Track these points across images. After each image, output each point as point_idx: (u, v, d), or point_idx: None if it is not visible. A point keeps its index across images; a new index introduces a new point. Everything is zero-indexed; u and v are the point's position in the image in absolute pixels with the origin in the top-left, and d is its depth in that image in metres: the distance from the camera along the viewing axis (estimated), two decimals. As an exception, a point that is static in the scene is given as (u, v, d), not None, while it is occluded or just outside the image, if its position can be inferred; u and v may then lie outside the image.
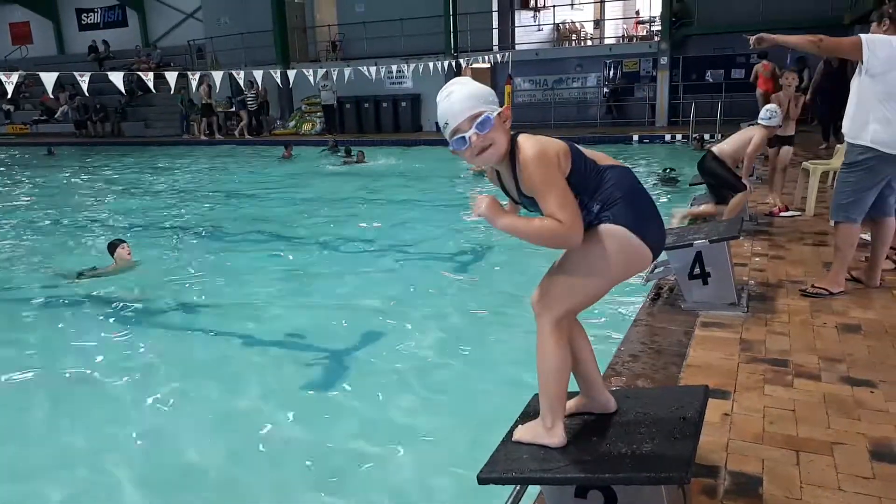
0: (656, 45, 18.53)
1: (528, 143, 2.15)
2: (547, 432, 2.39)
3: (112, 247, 7.13)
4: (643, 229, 2.21)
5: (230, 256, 8.02)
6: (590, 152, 2.30)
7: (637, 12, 22.33)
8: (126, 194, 13.52)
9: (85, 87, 11.42)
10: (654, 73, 18.47)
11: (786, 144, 7.51)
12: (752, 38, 4.50)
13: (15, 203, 12.96)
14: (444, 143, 2.20)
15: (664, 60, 18.15)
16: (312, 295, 6.47)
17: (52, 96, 25.01)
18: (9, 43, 32.80)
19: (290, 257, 7.95)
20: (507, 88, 18.75)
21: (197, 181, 14.77)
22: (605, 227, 2.19)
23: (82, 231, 10.06)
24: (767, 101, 7.23)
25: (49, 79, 11.17)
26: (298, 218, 10.23)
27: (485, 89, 2.17)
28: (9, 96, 24.09)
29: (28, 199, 13.47)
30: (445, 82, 2.21)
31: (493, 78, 20.53)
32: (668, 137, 16.35)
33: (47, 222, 10.83)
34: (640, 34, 22.48)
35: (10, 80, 10.95)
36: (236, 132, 22.11)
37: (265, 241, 8.78)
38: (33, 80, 10.95)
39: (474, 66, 20.27)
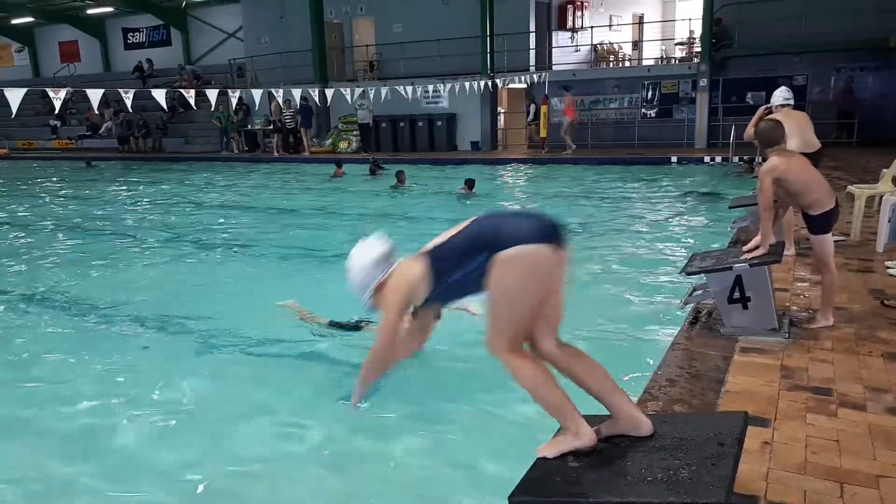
0: (696, 66, 18.38)
1: (389, 280, 2.67)
2: (574, 437, 2.45)
3: None
4: (513, 239, 2.34)
5: (286, 274, 8.05)
6: (455, 230, 2.58)
7: (691, 31, 22.09)
8: (170, 208, 13.78)
9: (129, 103, 11.74)
10: (694, 95, 18.30)
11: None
12: None
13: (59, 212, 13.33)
14: (481, 161, 2.32)
15: (704, 82, 17.97)
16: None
17: (97, 112, 25.75)
18: (58, 61, 33.90)
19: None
20: (544, 109, 18.73)
21: (259, 197, 14.83)
22: (492, 265, 2.36)
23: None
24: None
25: (95, 95, 11.51)
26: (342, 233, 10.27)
27: (360, 277, 2.73)
28: (56, 112, 24.90)
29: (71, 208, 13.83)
30: (481, 102, 2.37)
31: (529, 98, 20.55)
32: (707, 159, 16.15)
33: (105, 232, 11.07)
34: (680, 55, 22.34)
35: (58, 96, 11.31)
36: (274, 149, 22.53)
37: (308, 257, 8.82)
38: (79, 97, 11.31)
39: (510, 86, 20.33)
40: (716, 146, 17.45)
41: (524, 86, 20.25)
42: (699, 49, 19.33)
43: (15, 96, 10.32)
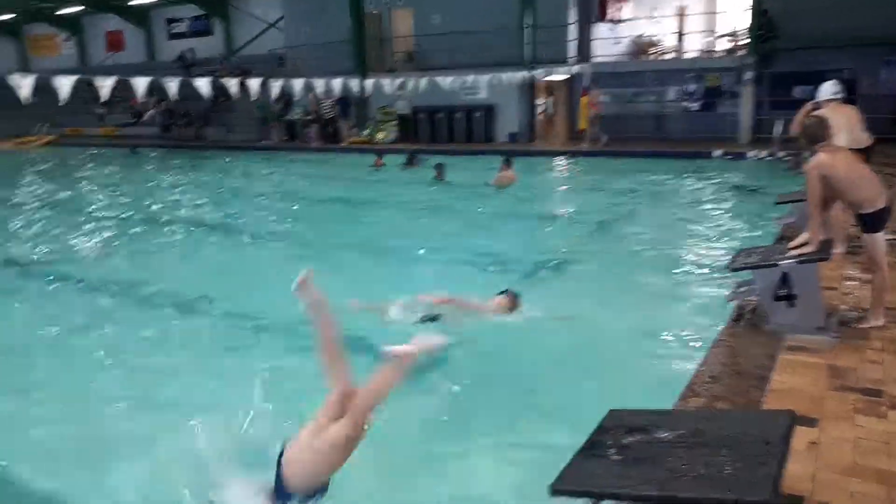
0: (741, 59, 17.96)
1: None
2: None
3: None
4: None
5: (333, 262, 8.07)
6: None
7: (737, 24, 21.57)
8: (209, 195, 13.99)
9: (173, 92, 11.95)
10: (738, 89, 17.89)
11: None
12: None
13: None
14: (519, 153, 2.28)
15: (749, 75, 17.55)
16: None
17: (142, 100, 26.23)
18: (103, 50, 34.61)
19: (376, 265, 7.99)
20: (583, 101, 18.52)
21: (299, 187, 14.92)
22: (286, 469, 2.89)
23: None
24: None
25: (140, 84, 11.74)
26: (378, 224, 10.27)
27: None
28: (103, 100, 25.43)
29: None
30: (520, 93, 2.35)
31: (569, 90, 20.31)
32: (751, 154, 15.79)
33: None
34: (724, 48, 21.84)
35: (106, 84, 11.58)
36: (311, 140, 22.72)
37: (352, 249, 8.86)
38: (124, 86, 11.63)
39: (549, 78, 20.11)
40: (761, 141, 17.06)
41: (564, 77, 20.03)
42: (745, 41, 18.87)
43: (65, 84, 10.62)
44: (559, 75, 19.78)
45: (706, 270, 6.89)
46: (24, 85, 10.33)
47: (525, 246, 8.66)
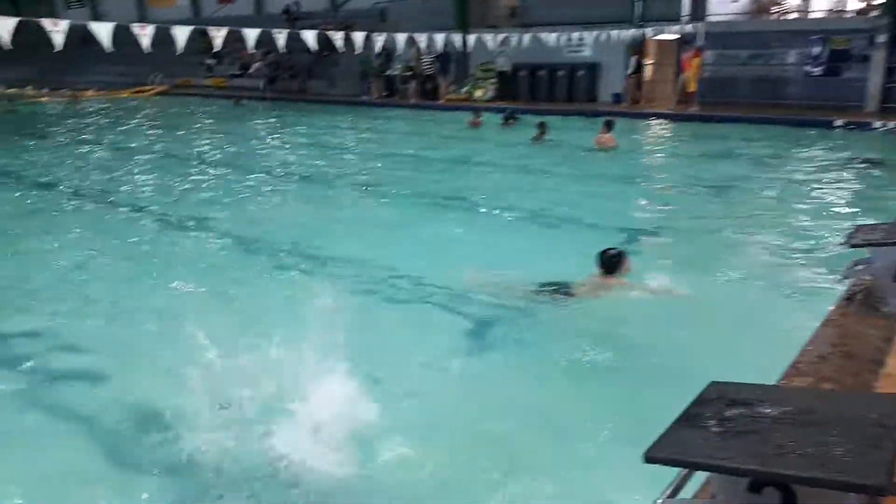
0: (874, 20, 16.54)
1: None
2: None
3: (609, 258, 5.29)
4: None
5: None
6: None
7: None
8: (308, 148, 14.36)
9: (281, 45, 12.26)
10: (868, 53, 16.52)
11: None
12: None
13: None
14: (623, 114, 2.18)
15: (882, 38, 16.15)
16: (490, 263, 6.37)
17: (251, 52, 27.03)
18: (214, 2, 35.70)
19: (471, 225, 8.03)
20: (696, 61, 17.63)
21: (398, 143, 15.20)
22: None
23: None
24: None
25: (251, 36, 12.08)
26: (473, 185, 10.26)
27: None
28: (215, 51, 26.42)
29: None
30: (627, 53, 2.17)
31: (679, 50, 19.38)
32: (877, 124, 14.62)
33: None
34: (856, 8, 20.20)
35: (220, 35, 11.98)
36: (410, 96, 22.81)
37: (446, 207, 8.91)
38: (232, 38, 12.03)
39: (659, 37, 19.24)
40: (890, 111, 15.77)
41: (676, 36, 19.12)
42: (879, 1, 17.35)
43: (181, 35, 11.07)
44: (670, 34, 18.86)
45: (818, 245, 6.53)
46: (144, 35, 10.83)
47: (626, 212, 8.44)
